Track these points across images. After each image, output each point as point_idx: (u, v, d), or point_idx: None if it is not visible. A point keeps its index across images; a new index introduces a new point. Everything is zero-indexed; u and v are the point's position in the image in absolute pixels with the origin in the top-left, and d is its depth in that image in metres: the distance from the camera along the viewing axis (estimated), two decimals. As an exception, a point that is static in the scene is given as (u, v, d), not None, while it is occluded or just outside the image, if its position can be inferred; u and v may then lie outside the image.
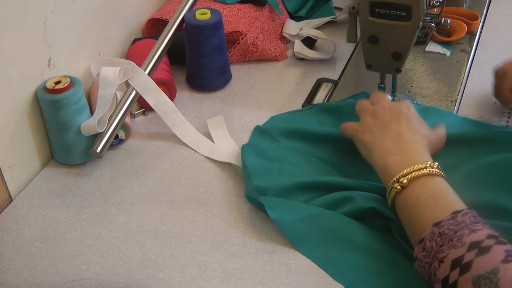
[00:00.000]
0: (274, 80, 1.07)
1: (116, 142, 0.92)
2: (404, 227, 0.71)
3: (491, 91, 0.93)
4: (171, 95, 1.00)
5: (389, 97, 0.96)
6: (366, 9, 0.84)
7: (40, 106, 0.86)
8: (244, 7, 1.13)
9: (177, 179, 0.87)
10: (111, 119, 0.89)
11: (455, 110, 0.95)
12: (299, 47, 1.11)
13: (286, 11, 1.19)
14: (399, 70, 0.90)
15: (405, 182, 0.70)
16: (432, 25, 0.88)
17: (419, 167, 0.70)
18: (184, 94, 1.04)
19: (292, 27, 1.17)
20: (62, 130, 0.86)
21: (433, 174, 0.70)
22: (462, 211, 0.65)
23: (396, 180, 0.71)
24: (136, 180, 0.87)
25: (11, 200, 0.84)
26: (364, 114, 0.82)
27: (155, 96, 0.94)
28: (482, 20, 1.17)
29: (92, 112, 0.91)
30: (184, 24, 1.01)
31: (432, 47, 1.10)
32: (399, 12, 0.82)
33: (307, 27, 1.17)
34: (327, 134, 0.88)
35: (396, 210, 0.72)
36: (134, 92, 0.92)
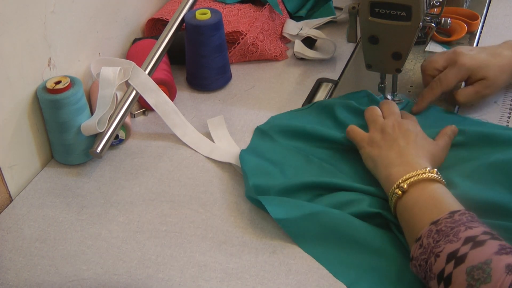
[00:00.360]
0: (274, 80, 1.07)
1: (116, 142, 0.92)
2: (403, 231, 0.72)
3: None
4: (171, 95, 1.00)
5: (389, 97, 0.96)
6: (366, 9, 0.84)
7: (40, 106, 0.86)
8: (244, 7, 1.13)
9: (177, 179, 0.87)
10: (111, 119, 0.88)
11: (455, 110, 0.95)
12: (299, 47, 1.11)
13: (286, 11, 1.19)
14: (399, 70, 0.90)
15: (405, 187, 0.72)
16: (432, 25, 0.88)
17: (418, 173, 0.72)
18: (184, 94, 1.04)
19: (292, 27, 1.16)
20: (62, 130, 0.86)
21: (432, 179, 0.72)
22: (459, 211, 0.66)
23: (397, 186, 0.73)
24: (136, 180, 0.87)
25: (11, 200, 0.84)
26: (374, 127, 0.84)
27: (155, 96, 0.94)
28: (482, 20, 1.17)
29: (92, 112, 0.91)
30: (184, 24, 1.01)
31: (432, 47, 1.09)
32: (399, 12, 0.82)
33: (307, 27, 1.17)
34: (327, 134, 0.88)
35: (397, 215, 0.73)
36: (134, 92, 0.92)
